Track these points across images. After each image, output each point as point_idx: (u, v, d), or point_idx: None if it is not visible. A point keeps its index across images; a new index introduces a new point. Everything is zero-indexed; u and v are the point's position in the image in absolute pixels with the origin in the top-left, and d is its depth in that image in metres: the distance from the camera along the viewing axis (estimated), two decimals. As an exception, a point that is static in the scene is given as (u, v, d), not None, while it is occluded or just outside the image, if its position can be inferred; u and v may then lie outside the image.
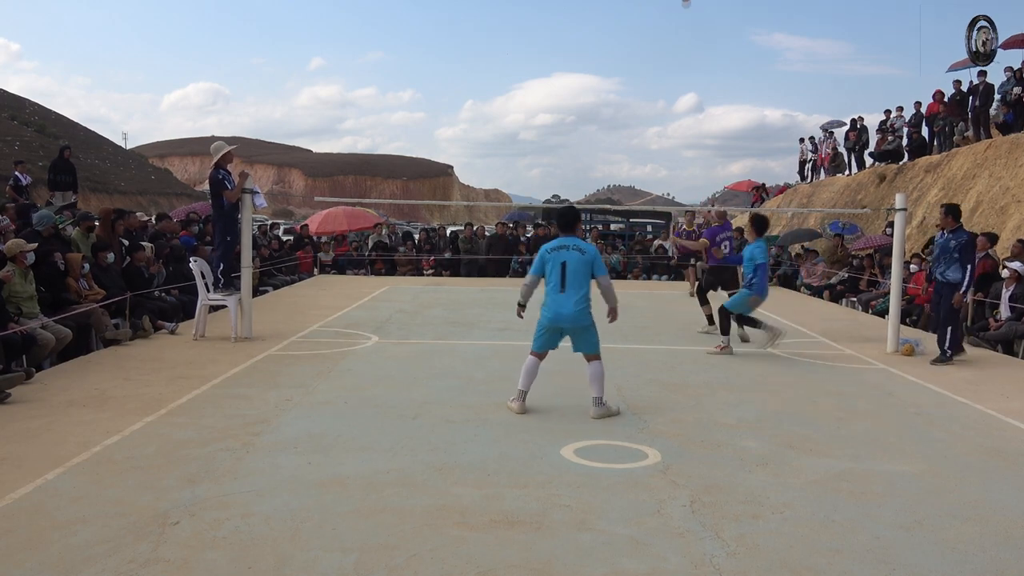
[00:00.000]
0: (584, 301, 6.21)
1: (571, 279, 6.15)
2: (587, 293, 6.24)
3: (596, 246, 12.08)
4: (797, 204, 27.18)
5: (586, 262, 6.20)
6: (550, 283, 6.23)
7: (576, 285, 6.17)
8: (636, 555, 3.74)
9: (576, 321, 6.19)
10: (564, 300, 6.16)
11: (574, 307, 6.16)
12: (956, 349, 8.92)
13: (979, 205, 16.92)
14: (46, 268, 8.54)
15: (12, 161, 19.30)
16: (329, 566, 3.55)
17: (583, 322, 6.22)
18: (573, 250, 6.21)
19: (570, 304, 6.15)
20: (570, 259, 6.18)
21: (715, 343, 9.49)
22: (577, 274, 6.17)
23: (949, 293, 8.92)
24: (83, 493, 4.36)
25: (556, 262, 6.20)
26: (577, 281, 6.17)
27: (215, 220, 9.76)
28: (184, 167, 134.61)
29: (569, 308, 6.15)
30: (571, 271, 6.16)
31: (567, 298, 6.16)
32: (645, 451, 5.34)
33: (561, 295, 6.17)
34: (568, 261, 6.17)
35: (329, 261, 20.03)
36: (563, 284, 6.16)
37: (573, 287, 6.16)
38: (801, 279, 17.78)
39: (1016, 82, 17.68)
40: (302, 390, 6.88)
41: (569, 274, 6.15)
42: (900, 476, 4.98)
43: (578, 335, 6.30)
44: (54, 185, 16.21)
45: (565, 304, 6.16)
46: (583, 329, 6.25)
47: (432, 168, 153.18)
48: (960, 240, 8.85)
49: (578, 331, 6.27)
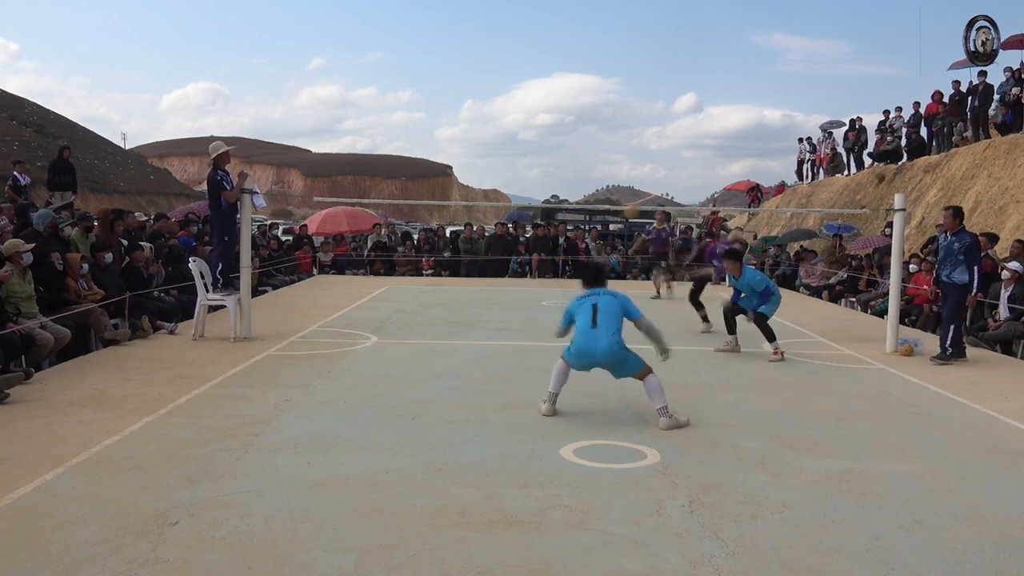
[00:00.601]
0: (618, 335, 5.98)
1: (603, 316, 5.98)
2: (620, 329, 6.01)
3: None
4: (796, 204, 27.20)
5: (619, 304, 6.08)
6: (580, 324, 6.05)
7: (608, 321, 5.97)
8: (635, 555, 3.75)
9: (611, 356, 5.96)
10: (597, 335, 5.94)
11: (608, 340, 5.92)
12: (958, 349, 8.93)
13: (978, 205, 16.93)
14: (45, 268, 8.54)
15: (11, 161, 19.27)
16: (329, 566, 3.55)
17: (618, 356, 5.97)
18: (605, 295, 6.14)
19: (604, 339, 5.92)
20: (601, 301, 6.07)
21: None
22: (610, 312, 6.00)
23: (955, 293, 8.98)
24: (82, 493, 4.36)
25: (587, 305, 6.07)
26: (609, 318, 5.98)
27: (213, 220, 9.77)
28: (183, 167, 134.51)
29: (603, 343, 5.92)
30: (603, 309, 6.01)
31: (600, 333, 5.93)
32: (644, 451, 5.34)
33: (593, 330, 5.95)
34: (599, 303, 6.05)
35: (328, 261, 20.03)
36: (595, 320, 5.97)
37: (605, 323, 5.96)
38: (800, 279, 17.78)
39: (1015, 82, 17.69)
40: (302, 390, 6.88)
41: (601, 311, 5.99)
42: (900, 476, 4.98)
43: (617, 368, 6.09)
44: (53, 185, 16.19)
45: (599, 339, 5.93)
46: (621, 361, 6.02)
47: (431, 168, 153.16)
48: (964, 242, 8.90)
49: (616, 365, 6.06)
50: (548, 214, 26.75)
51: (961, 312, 9.07)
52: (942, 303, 9.38)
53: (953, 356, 8.88)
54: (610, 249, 21.27)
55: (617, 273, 20.03)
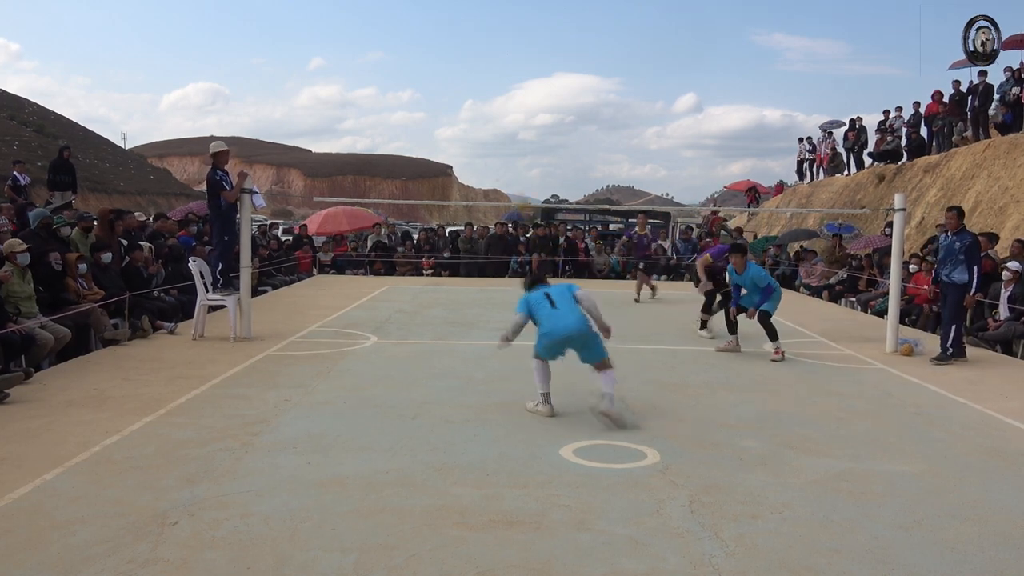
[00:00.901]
0: (580, 312, 6.18)
1: (559, 299, 6.24)
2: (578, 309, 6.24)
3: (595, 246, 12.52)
4: (796, 204, 27.20)
5: (566, 288, 6.38)
6: (542, 313, 6.22)
7: (566, 302, 6.22)
8: (635, 555, 3.75)
9: (579, 330, 6.09)
10: (562, 314, 6.13)
11: (574, 316, 6.11)
12: (958, 349, 8.94)
13: (978, 205, 16.93)
14: (44, 268, 8.53)
15: (11, 161, 19.27)
16: (328, 566, 3.55)
17: (587, 330, 6.13)
18: (552, 287, 6.44)
19: (569, 316, 6.11)
20: (552, 290, 6.36)
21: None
22: (563, 296, 6.28)
23: (955, 293, 9.00)
24: (82, 493, 4.36)
25: (539, 295, 6.32)
26: (566, 300, 6.24)
27: (212, 220, 9.76)
28: (183, 167, 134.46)
29: (570, 319, 6.09)
30: (556, 295, 6.28)
31: (563, 312, 6.14)
32: (644, 451, 5.34)
33: (555, 311, 6.15)
34: (551, 292, 6.33)
35: (328, 261, 20.03)
36: (553, 304, 6.20)
37: (564, 304, 6.20)
38: (800, 279, 17.79)
39: (1015, 82, 17.69)
40: (301, 390, 6.88)
41: (555, 297, 6.26)
42: (900, 476, 4.98)
43: (586, 346, 6.16)
44: (53, 185, 16.19)
45: (564, 317, 6.11)
46: (591, 339, 6.15)
47: (431, 168, 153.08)
48: (965, 242, 8.91)
49: (585, 341, 6.13)
50: (548, 214, 26.74)
51: (961, 312, 9.09)
52: (942, 303, 9.38)
53: (953, 356, 8.89)
54: (610, 249, 21.28)
55: (617, 273, 20.03)
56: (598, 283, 18.47)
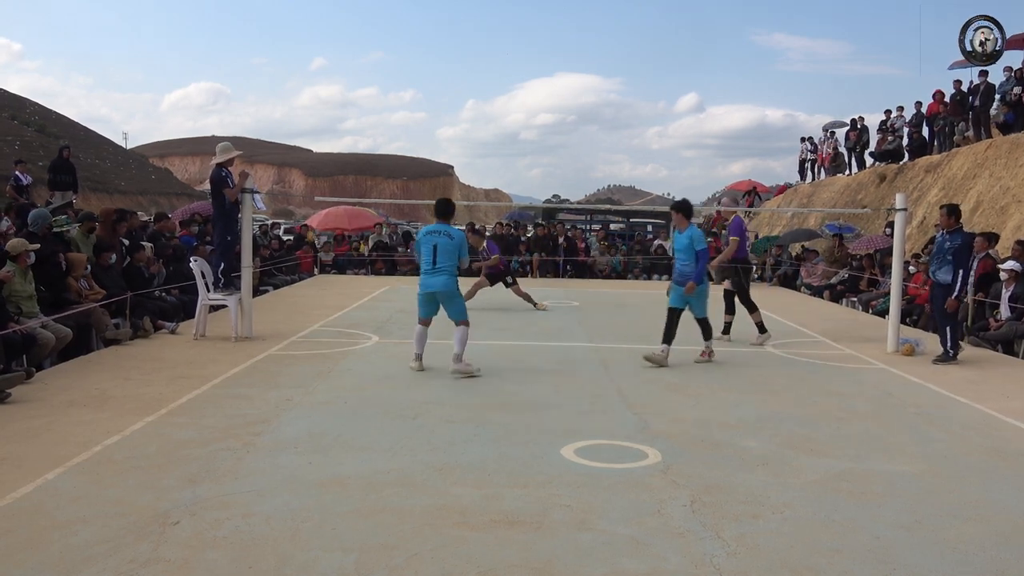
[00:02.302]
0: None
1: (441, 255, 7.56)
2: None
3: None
4: (797, 204, 27.19)
5: (455, 246, 7.57)
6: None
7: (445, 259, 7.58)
8: (636, 555, 3.75)
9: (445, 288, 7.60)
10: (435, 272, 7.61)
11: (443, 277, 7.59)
12: (955, 347, 8.94)
13: (979, 205, 16.92)
14: (46, 268, 8.54)
15: (12, 161, 19.29)
16: (329, 566, 3.55)
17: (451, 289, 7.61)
18: (443, 235, 7.57)
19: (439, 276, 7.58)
20: (440, 242, 7.52)
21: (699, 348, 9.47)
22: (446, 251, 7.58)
23: (940, 294, 9.01)
24: (83, 493, 4.36)
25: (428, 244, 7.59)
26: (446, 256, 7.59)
27: (215, 220, 9.77)
28: (184, 167, 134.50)
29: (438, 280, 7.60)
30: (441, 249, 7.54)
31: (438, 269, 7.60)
32: (645, 451, 5.34)
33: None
34: (439, 244, 7.51)
35: (329, 261, 20.04)
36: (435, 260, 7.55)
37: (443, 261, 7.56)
38: (801, 279, 17.78)
39: (1016, 82, 17.68)
40: (302, 390, 6.88)
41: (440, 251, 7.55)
42: (900, 476, 4.98)
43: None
44: (54, 185, 16.21)
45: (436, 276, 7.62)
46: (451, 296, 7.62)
47: (432, 168, 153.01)
48: (955, 243, 8.90)
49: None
50: (549, 214, 26.75)
51: (951, 313, 9.02)
52: (931, 301, 9.36)
53: (956, 355, 8.88)
54: (614, 250, 21.26)
55: (618, 273, 20.04)
56: (599, 283, 18.48)
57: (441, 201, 8.08)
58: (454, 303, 7.67)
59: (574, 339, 10.20)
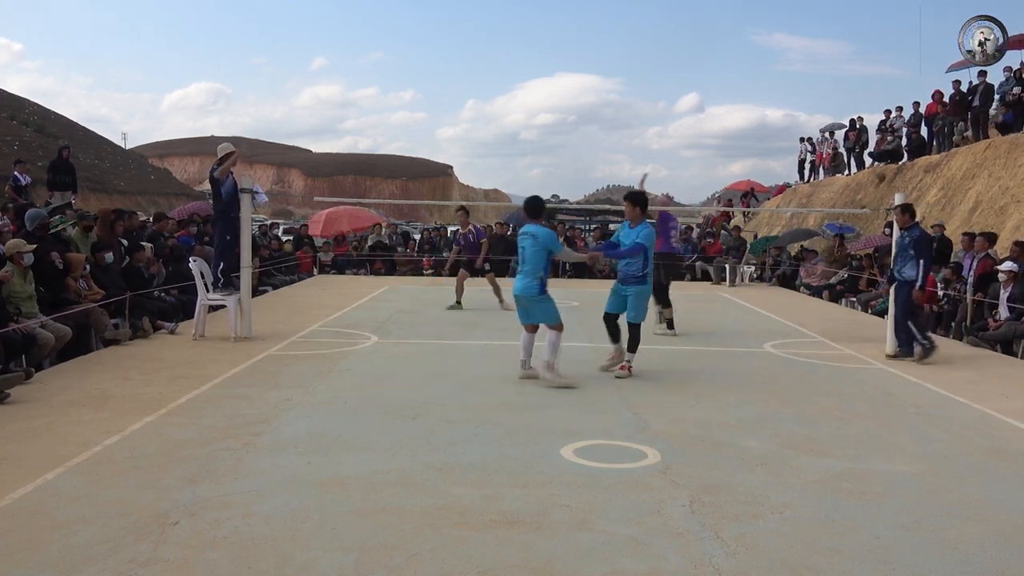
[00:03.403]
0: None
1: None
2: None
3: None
4: (797, 204, 27.19)
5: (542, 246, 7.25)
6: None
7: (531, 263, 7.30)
8: (636, 555, 3.75)
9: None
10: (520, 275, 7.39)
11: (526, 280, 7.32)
12: (926, 343, 8.93)
13: (978, 205, 16.93)
14: (45, 268, 8.53)
15: (12, 161, 19.28)
16: (329, 566, 3.55)
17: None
18: (528, 236, 7.29)
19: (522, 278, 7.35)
20: (526, 244, 7.30)
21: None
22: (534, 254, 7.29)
23: (905, 290, 9.05)
24: (83, 493, 4.36)
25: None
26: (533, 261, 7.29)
27: (215, 219, 9.76)
28: (184, 167, 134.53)
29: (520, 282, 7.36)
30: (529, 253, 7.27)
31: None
32: (645, 451, 5.34)
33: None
34: (525, 246, 7.30)
35: (329, 261, 20.04)
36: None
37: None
38: (801, 279, 17.79)
39: (1016, 82, 17.68)
40: (302, 390, 6.88)
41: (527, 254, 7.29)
42: (900, 476, 4.98)
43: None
44: (54, 185, 16.21)
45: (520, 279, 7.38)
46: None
47: (432, 168, 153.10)
48: (913, 236, 8.97)
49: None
50: (549, 214, 26.73)
51: (911, 308, 9.03)
52: (894, 301, 9.34)
53: (923, 350, 8.89)
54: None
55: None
56: (599, 283, 18.47)
57: (529, 201, 7.65)
58: (540, 307, 7.35)
59: (574, 339, 10.18)
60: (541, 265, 7.27)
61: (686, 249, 20.72)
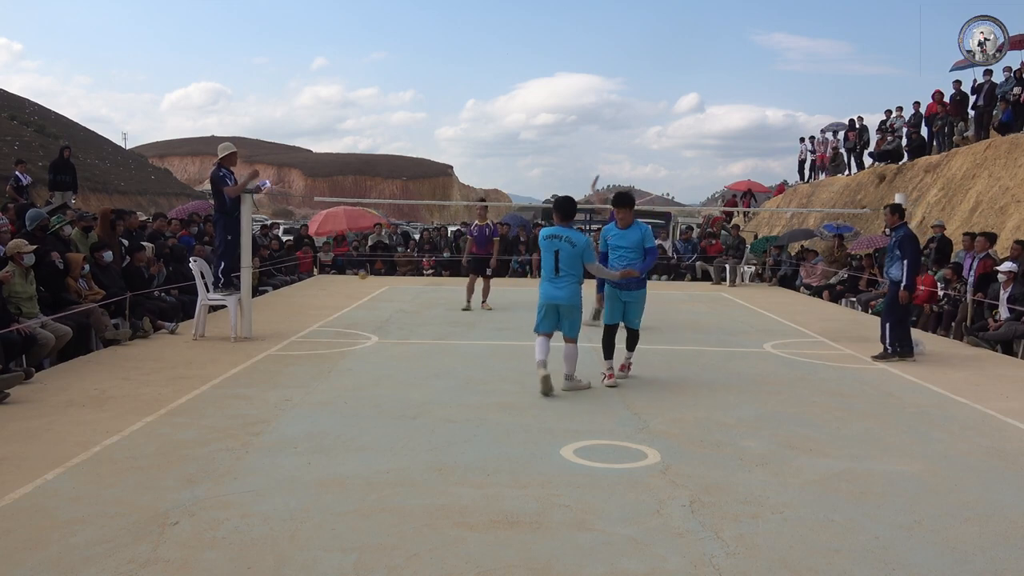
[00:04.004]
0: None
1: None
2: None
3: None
4: (796, 204, 27.19)
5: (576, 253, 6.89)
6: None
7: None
8: (636, 555, 3.74)
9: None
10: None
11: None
12: (905, 347, 8.96)
13: (978, 205, 16.92)
14: (45, 268, 8.54)
15: (12, 161, 19.30)
16: (329, 566, 3.55)
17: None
18: (564, 241, 6.89)
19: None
20: (562, 248, 6.89)
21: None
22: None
23: (892, 290, 9.12)
24: (83, 493, 4.36)
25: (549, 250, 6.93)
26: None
27: (216, 219, 9.76)
28: (184, 167, 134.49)
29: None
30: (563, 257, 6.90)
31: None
32: (645, 451, 5.34)
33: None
34: (561, 250, 6.89)
35: (329, 261, 20.04)
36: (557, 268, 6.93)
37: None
38: (801, 279, 17.79)
39: (1016, 82, 17.67)
40: (302, 390, 6.88)
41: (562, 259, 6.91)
42: (900, 476, 4.98)
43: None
44: (54, 185, 16.22)
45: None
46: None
47: (432, 168, 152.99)
48: (899, 235, 9.02)
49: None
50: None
51: (896, 309, 8.99)
52: (886, 299, 9.45)
53: (898, 354, 8.91)
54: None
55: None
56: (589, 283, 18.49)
57: (561, 201, 7.16)
58: (573, 317, 7.01)
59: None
60: (580, 272, 6.93)
61: (686, 249, 20.75)
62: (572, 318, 7.02)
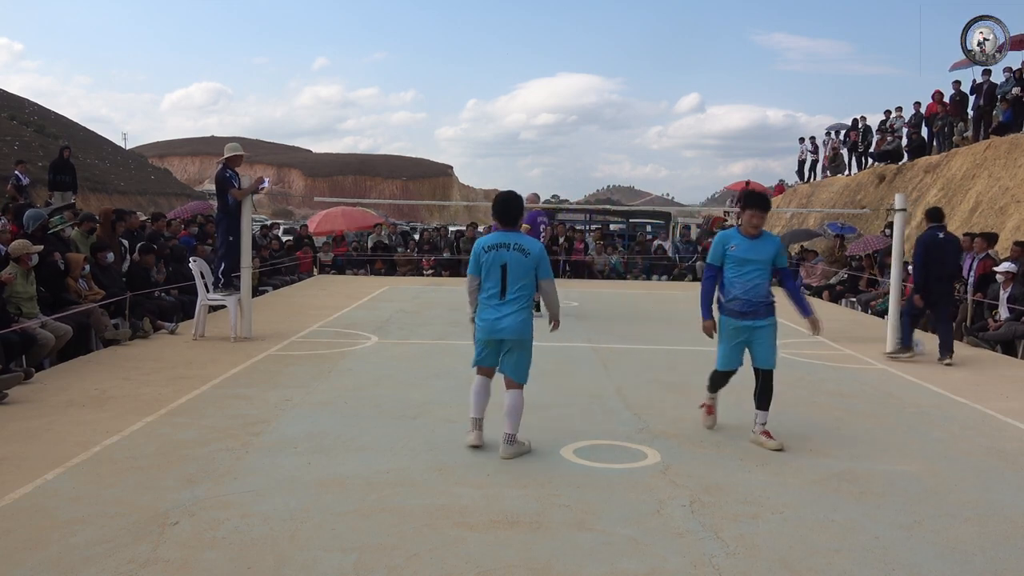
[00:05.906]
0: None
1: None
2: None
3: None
4: (796, 204, 27.20)
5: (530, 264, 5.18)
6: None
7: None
8: (636, 555, 3.74)
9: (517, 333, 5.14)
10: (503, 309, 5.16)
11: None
12: (905, 342, 9.26)
13: (978, 205, 16.93)
14: (46, 268, 8.53)
15: (12, 161, 19.30)
16: (329, 566, 3.55)
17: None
18: (514, 249, 5.16)
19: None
20: (511, 260, 5.14)
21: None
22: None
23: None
24: (83, 493, 4.36)
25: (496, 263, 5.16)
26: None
27: (219, 219, 9.75)
28: (184, 167, 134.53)
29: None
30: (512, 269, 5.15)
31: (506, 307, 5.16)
32: (645, 451, 5.34)
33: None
34: (509, 262, 5.14)
35: (329, 261, 20.04)
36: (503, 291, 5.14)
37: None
38: (801, 279, 17.78)
39: (1015, 82, 17.67)
40: (302, 390, 6.88)
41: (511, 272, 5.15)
42: (900, 476, 4.98)
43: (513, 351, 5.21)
44: (54, 185, 16.21)
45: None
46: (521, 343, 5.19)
47: (432, 168, 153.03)
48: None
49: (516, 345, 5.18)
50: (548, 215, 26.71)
51: (911, 307, 9.38)
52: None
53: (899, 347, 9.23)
54: (611, 249, 21.26)
55: (619, 273, 20.03)
56: (598, 283, 18.47)
57: (502, 199, 5.37)
58: (522, 354, 5.22)
59: (574, 339, 10.18)
60: (532, 291, 5.29)
61: (686, 249, 20.75)
62: (520, 355, 5.22)
